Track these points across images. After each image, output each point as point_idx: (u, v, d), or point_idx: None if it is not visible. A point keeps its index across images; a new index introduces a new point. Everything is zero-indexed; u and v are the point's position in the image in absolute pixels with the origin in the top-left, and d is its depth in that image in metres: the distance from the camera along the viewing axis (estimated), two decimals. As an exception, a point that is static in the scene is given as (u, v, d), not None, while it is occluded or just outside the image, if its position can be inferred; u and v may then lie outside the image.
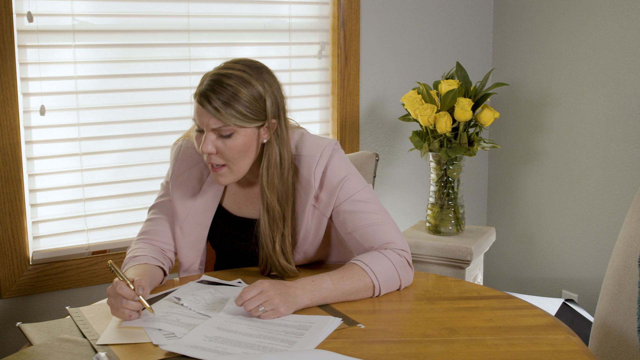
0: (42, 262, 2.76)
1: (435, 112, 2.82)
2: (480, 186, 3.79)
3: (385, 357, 1.59)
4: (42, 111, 2.68)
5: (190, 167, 2.13)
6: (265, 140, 1.99)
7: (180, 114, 2.96)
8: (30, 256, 2.74)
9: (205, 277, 2.06)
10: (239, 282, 2.02)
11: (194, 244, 2.14)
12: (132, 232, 2.92)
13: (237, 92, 1.89)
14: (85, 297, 2.86)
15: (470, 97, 2.85)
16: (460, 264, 2.90)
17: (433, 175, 2.98)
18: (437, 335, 1.70)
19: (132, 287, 1.75)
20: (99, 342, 1.66)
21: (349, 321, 1.78)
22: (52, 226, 2.78)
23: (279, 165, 2.00)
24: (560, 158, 3.36)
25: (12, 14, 2.58)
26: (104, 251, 2.86)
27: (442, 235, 3.02)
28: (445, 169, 2.94)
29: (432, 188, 3.00)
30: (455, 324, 1.76)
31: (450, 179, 2.95)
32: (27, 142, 2.69)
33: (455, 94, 2.77)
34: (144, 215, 2.90)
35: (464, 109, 2.77)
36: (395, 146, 3.47)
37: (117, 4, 2.79)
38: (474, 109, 2.85)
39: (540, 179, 3.48)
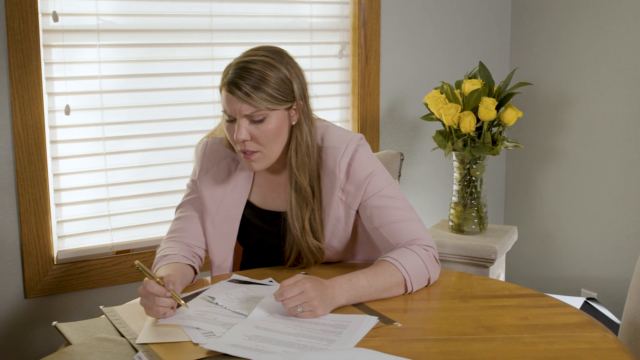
0: (66, 262, 2.76)
1: (460, 112, 2.82)
2: (498, 185, 3.79)
3: (426, 356, 1.59)
4: (67, 111, 2.68)
5: (219, 161, 2.14)
6: (294, 122, 2.01)
7: (202, 114, 2.96)
8: (55, 256, 2.74)
9: (236, 276, 2.07)
10: (270, 281, 2.02)
11: (225, 237, 2.14)
12: (155, 232, 2.93)
13: (264, 75, 1.91)
14: (109, 297, 2.86)
15: (494, 97, 2.86)
16: (484, 262, 2.90)
17: (456, 175, 2.98)
18: (474, 333, 1.70)
19: (162, 284, 1.75)
20: (138, 341, 1.66)
21: (385, 320, 1.78)
22: (77, 226, 2.78)
23: (309, 144, 2.02)
24: (579, 157, 3.36)
25: (37, 13, 2.58)
26: (127, 251, 2.86)
27: (465, 235, 3.03)
28: (468, 168, 2.94)
29: (455, 187, 3.00)
30: (491, 322, 1.76)
31: (473, 178, 2.95)
32: (52, 142, 2.69)
33: (480, 93, 2.78)
34: (167, 215, 2.92)
35: (488, 108, 2.77)
36: (414, 146, 3.48)
37: (140, 4, 2.79)
38: (497, 108, 2.85)
39: (559, 178, 3.48)
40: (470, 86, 2.84)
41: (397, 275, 1.93)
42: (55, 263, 2.74)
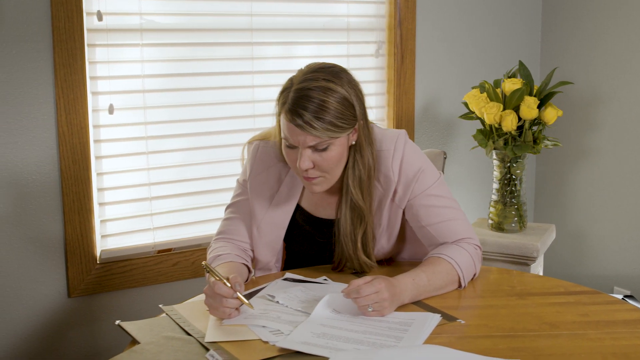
0: (109, 261, 2.76)
1: (501, 111, 2.82)
2: (528, 184, 3.79)
3: (494, 352, 1.59)
4: (111, 110, 2.69)
5: (269, 167, 2.12)
6: (353, 142, 1.98)
7: (241, 113, 2.96)
8: (98, 255, 2.75)
9: (289, 275, 2.06)
10: (325, 280, 2.02)
11: (270, 244, 2.13)
12: (196, 231, 2.93)
13: (325, 103, 1.85)
14: (150, 296, 2.86)
15: (535, 96, 2.86)
16: (525, 260, 2.90)
17: (496, 173, 2.99)
18: (539, 329, 1.70)
19: (229, 285, 1.75)
20: (207, 339, 1.66)
21: (447, 317, 1.78)
22: (119, 225, 2.79)
23: (367, 162, 2.00)
24: (612, 156, 3.36)
25: (82, 12, 2.58)
26: (169, 250, 2.87)
27: (506, 233, 3.03)
28: (508, 167, 2.94)
29: (495, 186, 3.01)
30: (554, 319, 1.76)
31: (513, 176, 2.95)
32: (95, 141, 2.70)
33: (523, 92, 2.78)
34: (206, 214, 2.94)
35: (530, 107, 2.78)
36: (448, 144, 3.48)
37: (182, 3, 2.79)
38: (538, 107, 2.85)
39: (591, 177, 3.48)
40: (510, 85, 2.84)
41: (452, 273, 1.96)
42: (98, 262, 2.75)
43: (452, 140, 3.49)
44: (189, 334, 1.71)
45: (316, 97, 1.85)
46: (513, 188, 2.97)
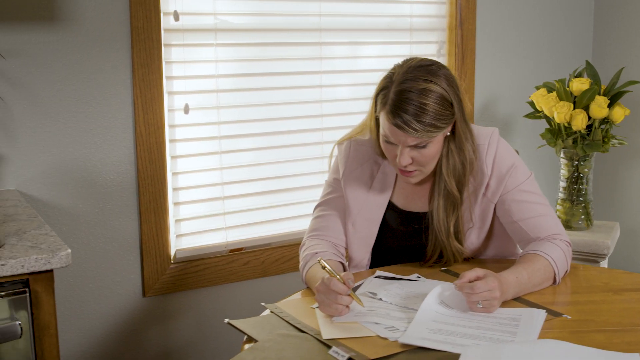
0: (183, 261, 2.77)
1: (571, 110, 2.84)
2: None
3: (611, 346, 1.60)
4: (186, 110, 2.70)
5: (362, 163, 2.15)
6: (448, 134, 2.02)
7: (310, 113, 2.98)
8: (173, 254, 2.76)
9: (380, 273, 2.08)
10: (418, 277, 2.04)
11: (364, 240, 2.15)
12: (265, 230, 2.94)
13: (427, 107, 1.89)
14: (222, 295, 2.88)
15: (604, 95, 2.88)
16: (595, 257, 2.91)
17: (564, 172, 3.01)
18: (647, 324, 1.72)
19: (343, 282, 1.77)
20: (325, 336, 1.67)
21: (552, 312, 1.79)
22: (193, 224, 2.80)
23: (467, 155, 2.04)
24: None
25: (159, 12, 2.60)
26: (240, 249, 2.88)
27: (573, 230, 3.04)
28: (576, 165, 2.96)
29: (562, 184, 3.03)
30: (659, 313, 1.78)
31: (581, 174, 2.97)
32: (170, 141, 2.71)
33: (594, 92, 2.80)
34: (276, 213, 2.95)
35: (600, 106, 2.80)
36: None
37: (254, 3, 2.81)
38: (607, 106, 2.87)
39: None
40: (579, 85, 2.86)
41: (549, 270, 1.98)
42: (172, 262, 2.76)
43: (511, 139, 3.50)
44: (302, 331, 1.72)
45: (416, 99, 1.89)
46: (580, 186, 2.99)
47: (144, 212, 2.67)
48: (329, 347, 1.62)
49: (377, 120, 2.03)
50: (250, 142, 2.88)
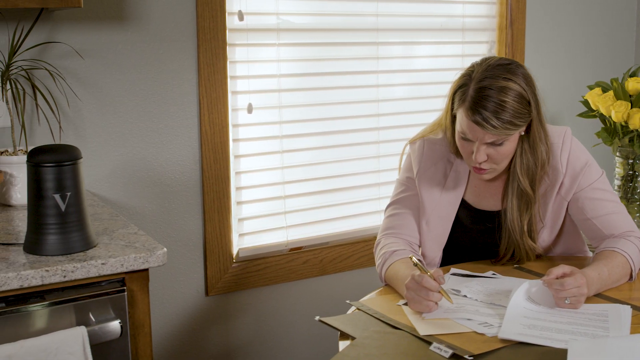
0: (244, 260, 2.78)
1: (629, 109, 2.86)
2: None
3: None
4: (250, 109, 2.71)
5: (436, 162, 2.17)
6: (523, 133, 2.04)
7: (367, 112, 2.99)
8: (236, 253, 2.77)
9: (455, 270, 2.09)
10: (493, 274, 2.05)
11: (437, 238, 2.17)
12: (324, 229, 2.95)
13: (506, 104, 1.92)
14: (282, 294, 2.88)
15: (659, 94, 2.90)
16: (655, 256, 2.92)
17: (619, 170, 3.02)
18: None
19: (434, 279, 1.78)
20: (422, 333, 1.68)
21: (637, 308, 1.81)
22: (255, 223, 2.81)
23: (541, 155, 2.05)
24: None
25: (225, 12, 2.61)
26: (299, 248, 2.88)
27: (629, 229, 3.05)
28: (632, 164, 2.98)
29: (617, 182, 3.04)
30: None
31: (636, 173, 2.99)
32: (234, 140, 2.72)
33: (653, 91, 2.82)
34: (335, 212, 2.96)
35: (657, 105, 2.82)
36: (553, 144, 3.50)
37: (314, 3, 2.82)
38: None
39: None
40: (635, 84, 2.88)
41: (627, 266, 2.00)
42: (234, 261, 2.76)
43: (558, 139, 3.51)
44: (396, 328, 1.72)
45: (495, 96, 1.92)
46: (635, 184, 3.00)
47: (208, 212, 2.67)
48: (428, 343, 1.63)
49: (452, 117, 2.05)
50: (309, 141, 2.89)
